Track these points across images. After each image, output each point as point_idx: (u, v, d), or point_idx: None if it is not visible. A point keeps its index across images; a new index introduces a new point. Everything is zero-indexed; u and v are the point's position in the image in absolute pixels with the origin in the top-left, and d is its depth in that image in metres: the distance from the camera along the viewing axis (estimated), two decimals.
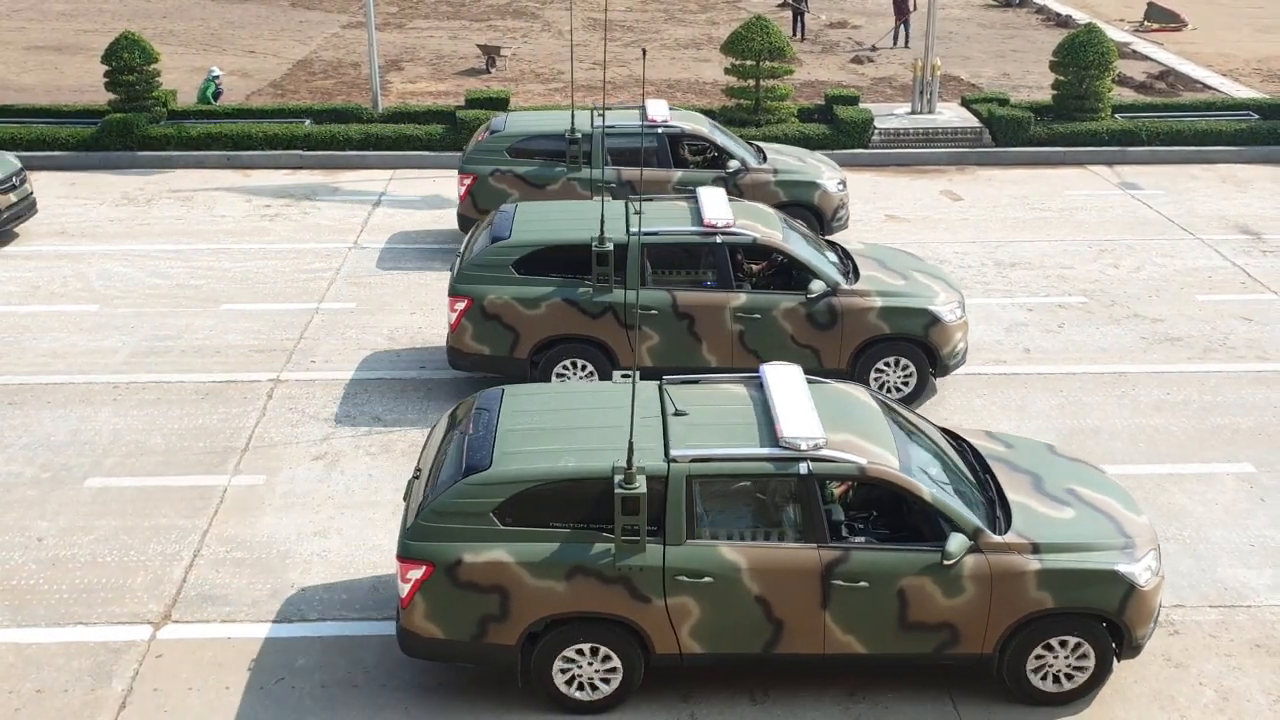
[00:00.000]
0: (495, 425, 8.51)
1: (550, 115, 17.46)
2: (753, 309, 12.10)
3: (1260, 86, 26.58)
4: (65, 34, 31.33)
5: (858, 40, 31.34)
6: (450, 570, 7.98)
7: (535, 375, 12.22)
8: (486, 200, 16.17)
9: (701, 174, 16.29)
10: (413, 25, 33.14)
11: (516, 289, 12.08)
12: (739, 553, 8.04)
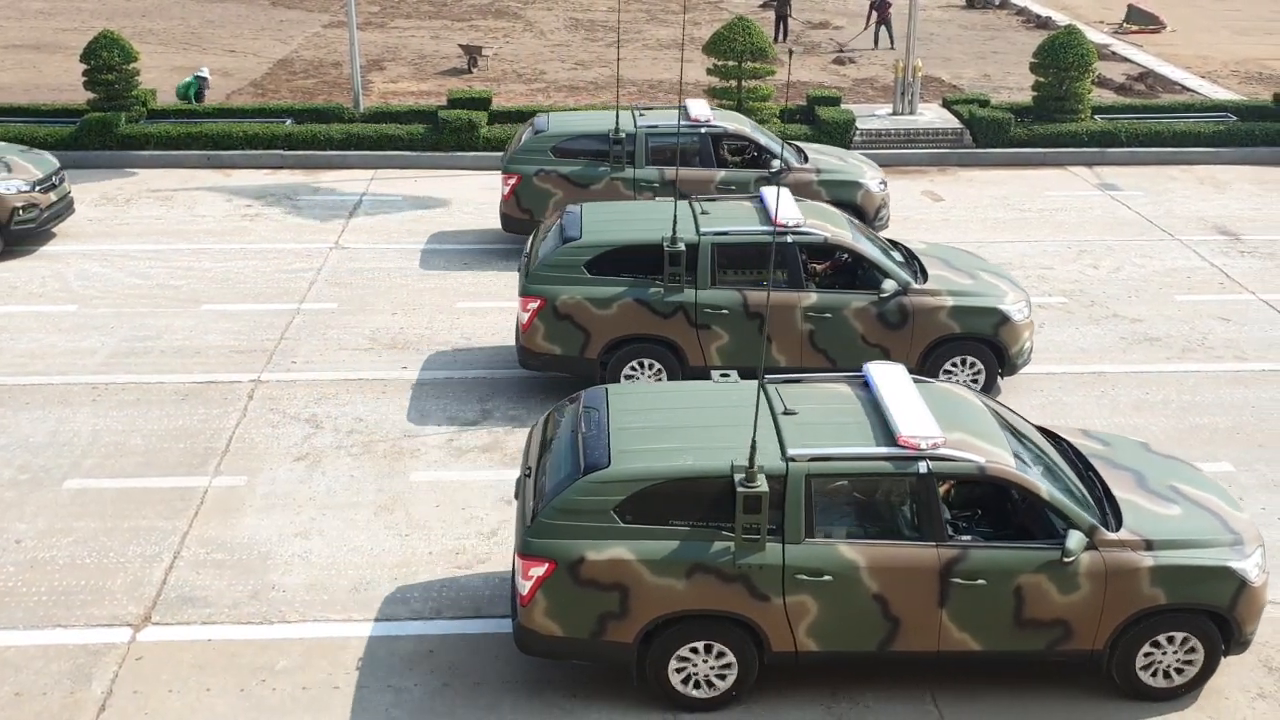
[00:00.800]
0: (607, 424, 8.54)
1: (593, 115, 17.55)
2: (823, 308, 12.14)
3: (1238, 88, 26.77)
4: (44, 32, 31.12)
5: (839, 41, 31.43)
6: (572, 568, 8.02)
7: (604, 375, 12.27)
8: (530, 200, 16.24)
9: (743, 174, 16.36)
10: (394, 25, 33.06)
11: (588, 289, 12.14)
12: (858, 551, 8.08)
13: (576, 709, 8.48)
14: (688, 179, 16.01)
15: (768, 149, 16.60)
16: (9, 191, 16.35)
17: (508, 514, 10.71)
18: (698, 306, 12.08)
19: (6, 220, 16.31)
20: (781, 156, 16.44)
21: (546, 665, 8.82)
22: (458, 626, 9.29)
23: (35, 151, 17.77)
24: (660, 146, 16.37)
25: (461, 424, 12.27)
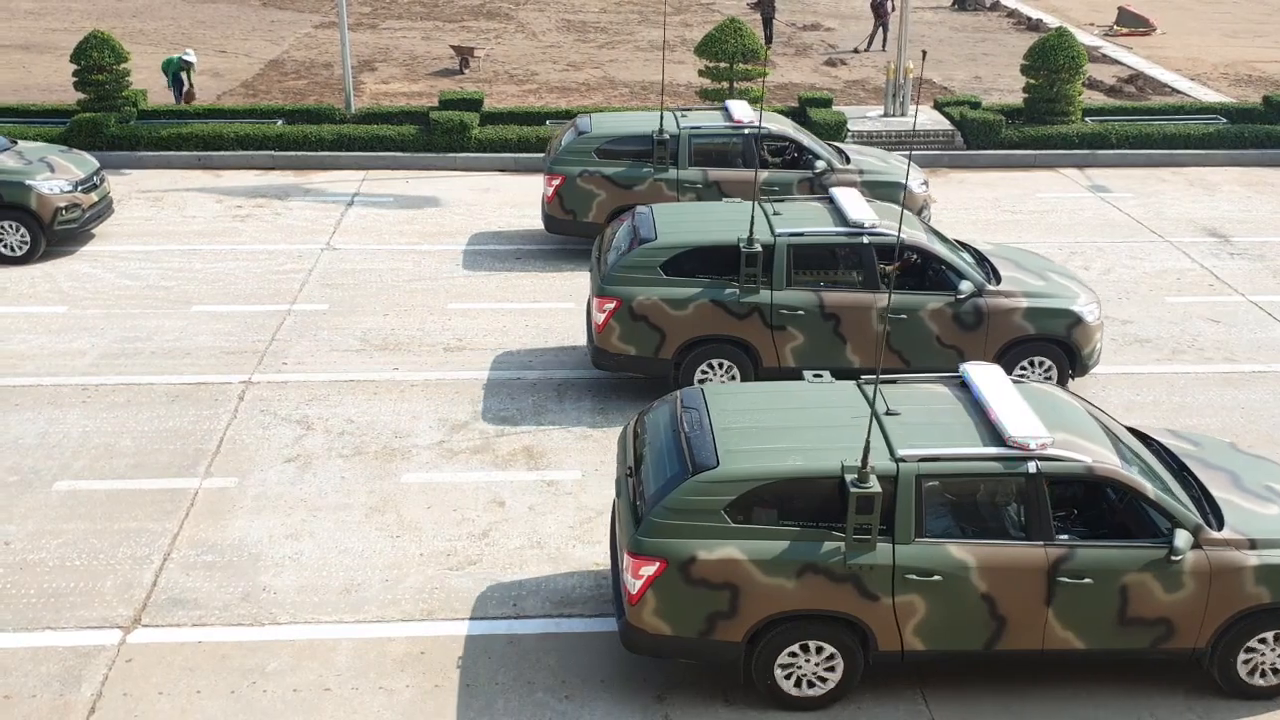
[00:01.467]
0: (710, 424, 8.56)
1: (637, 116, 17.59)
2: (899, 309, 12.15)
3: (1228, 90, 26.86)
4: (33, 32, 31.03)
5: (831, 43, 31.47)
6: (683, 567, 8.04)
7: (678, 376, 12.31)
8: (573, 201, 16.28)
9: (786, 175, 16.39)
10: (386, 26, 33.03)
11: (665, 290, 12.16)
12: (967, 551, 8.11)
13: (570, 710, 8.47)
14: (731, 180, 16.15)
15: (811, 150, 16.62)
16: (52, 192, 16.30)
17: (499, 515, 10.70)
18: (773, 307, 12.13)
19: (49, 220, 16.26)
20: (826, 158, 16.49)
21: (538, 667, 8.83)
22: (449, 628, 9.27)
23: (75, 151, 17.70)
24: (704, 148, 16.44)
25: (453, 425, 12.26)
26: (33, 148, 17.36)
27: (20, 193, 16.13)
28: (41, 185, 16.25)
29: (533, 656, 8.96)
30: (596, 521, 10.63)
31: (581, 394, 12.92)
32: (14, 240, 16.25)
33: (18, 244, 16.25)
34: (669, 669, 8.82)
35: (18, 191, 16.13)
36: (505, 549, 10.25)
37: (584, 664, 8.90)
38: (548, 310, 15.02)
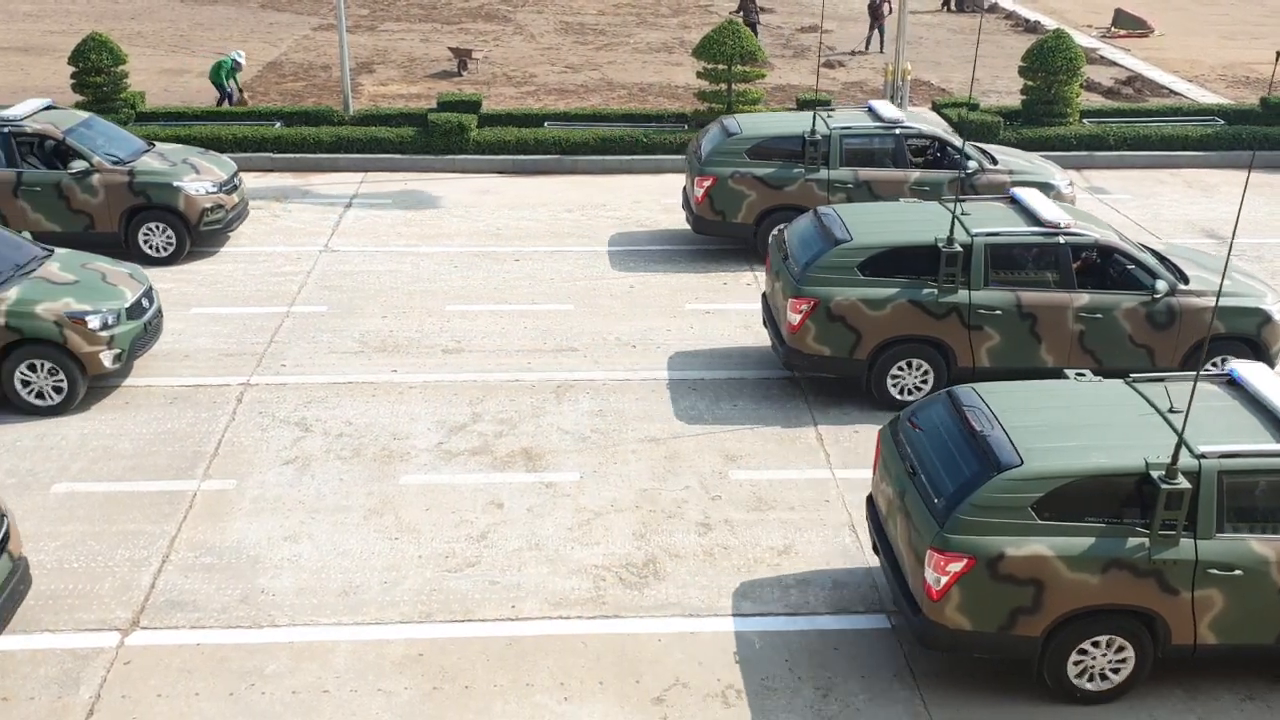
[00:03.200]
0: (1000, 422, 8.63)
1: (786, 116, 17.69)
2: (1095, 309, 12.18)
3: (1225, 92, 26.89)
4: (32, 35, 31.02)
5: (829, 45, 31.49)
6: (991, 563, 8.11)
7: (871, 377, 12.38)
8: (724, 202, 16.36)
9: (936, 175, 16.45)
10: (384, 28, 33.03)
11: (862, 290, 12.21)
12: (1268, 546, 8.21)
13: (569, 712, 8.47)
14: (882, 180, 16.27)
15: (960, 150, 16.67)
16: (198, 193, 16.35)
17: (497, 517, 10.70)
18: (971, 307, 12.18)
19: (196, 221, 16.33)
20: (976, 158, 16.55)
21: (536, 669, 8.82)
22: (448, 630, 9.27)
23: (212, 153, 17.73)
24: (854, 148, 16.52)
25: (451, 427, 12.26)
26: (172, 149, 17.38)
27: (168, 194, 16.18)
28: (188, 186, 16.30)
29: (531, 658, 8.96)
30: (595, 523, 10.64)
31: (580, 396, 12.93)
32: (159, 241, 16.32)
33: (163, 245, 16.33)
34: (665, 671, 8.83)
35: (165, 193, 16.18)
36: (504, 550, 10.25)
37: (582, 666, 8.91)
38: (546, 312, 15.03)
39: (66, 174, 16.09)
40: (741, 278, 16.31)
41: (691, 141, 17.75)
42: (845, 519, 10.76)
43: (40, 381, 12.19)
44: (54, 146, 16.44)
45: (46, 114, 16.72)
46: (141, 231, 16.31)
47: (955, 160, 16.68)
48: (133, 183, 16.16)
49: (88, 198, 16.14)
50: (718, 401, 12.84)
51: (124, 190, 16.17)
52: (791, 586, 9.84)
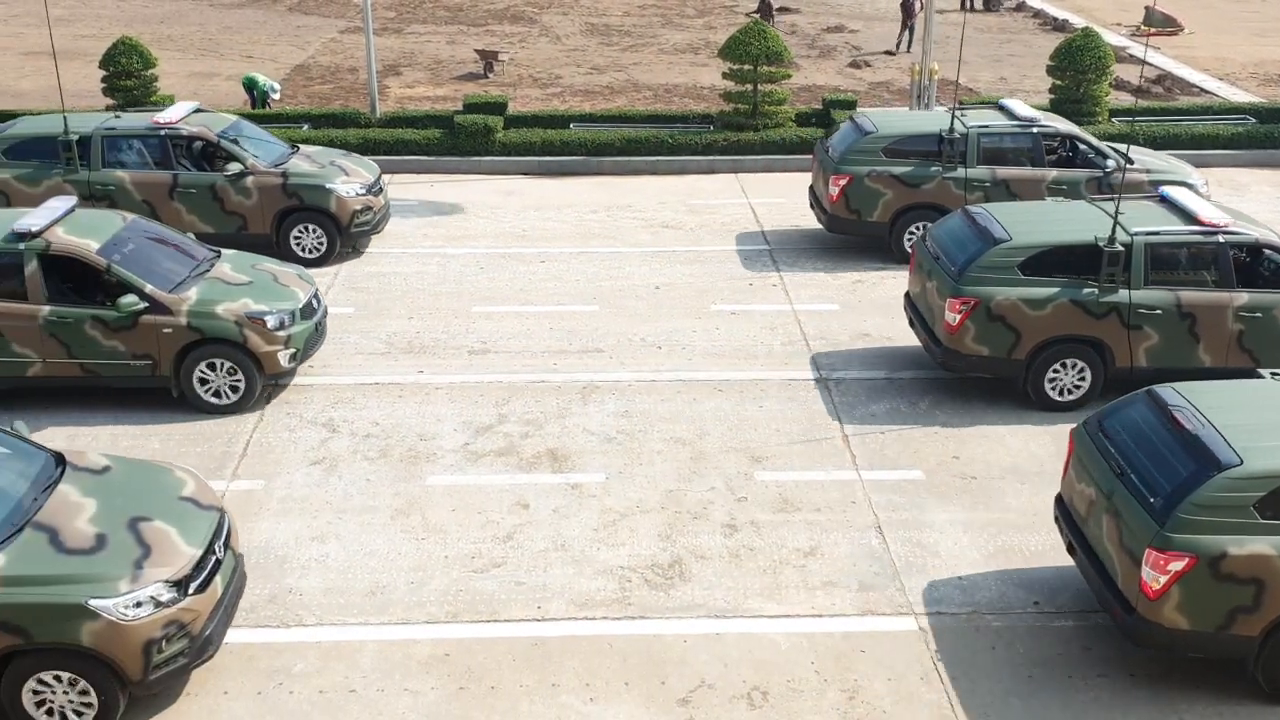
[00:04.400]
0: (1211, 421, 8.65)
1: (920, 115, 17.80)
2: (1254, 308, 12.16)
3: (1257, 90, 26.63)
4: (63, 39, 31.34)
5: (855, 45, 31.38)
6: (1213, 563, 8.11)
7: (1028, 377, 12.40)
8: (859, 201, 16.43)
9: (1074, 174, 16.45)
10: (410, 30, 33.18)
11: (1023, 290, 12.23)
12: None
13: (594, 713, 8.48)
14: (1019, 179, 16.30)
15: (1098, 149, 16.66)
16: (350, 195, 16.52)
17: (523, 518, 10.72)
18: (1131, 307, 12.17)
19: (347, 223, 16.50)
20: (1114, 157, 16.52)
21: (562, 670, 8.83)
22: (474, 630, 9.29)
23: (355, 155, 17.90)
24: (991, 146, 16.54)
25: (477, 428, 12.29)
26: (318, 151, 17.55)
27: (320, 196, 16.35)
28: (340, 188, 16.47)
29: (557, 659, 8.97)
30: (620, 524, 10.64)
31: (605, 397, 12.94)
32: (311, 242, 16.49)
33: (314, 246, 16.49)
34: (691, 672, 8.82)
35: (318, 195, 16.35)
36: (529, 551, 10.26)
37: (608, 666, 8.91)
38: (572, 313, 15.05)
39: (222, 176, 16.24)
40: (768, 279, 16.28)
41: (820, 140, 17.80)
42: (872, 520, 10.72)
43: (218, 380, 12.37)
44: (201, 148, 16.62)
45: (198, 116, 16.91)
46: (293, 233, 16.45)
47: (1088, 159, 16.63)
48: (286, 185, 16.31)
49: (242, 199, 16.29)
50: (743, 403, 12.82)
51: (278, 192, 16.31)
52: (817, 588, 9.81)
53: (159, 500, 8.75)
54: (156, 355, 12.22)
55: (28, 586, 7.82)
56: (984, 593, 9.76)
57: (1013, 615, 9.49)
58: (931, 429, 12.26)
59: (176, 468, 9.42)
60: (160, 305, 12.12)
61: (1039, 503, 10.98)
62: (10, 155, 16.47)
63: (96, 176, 16.27)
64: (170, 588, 8.09)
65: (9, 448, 8.98)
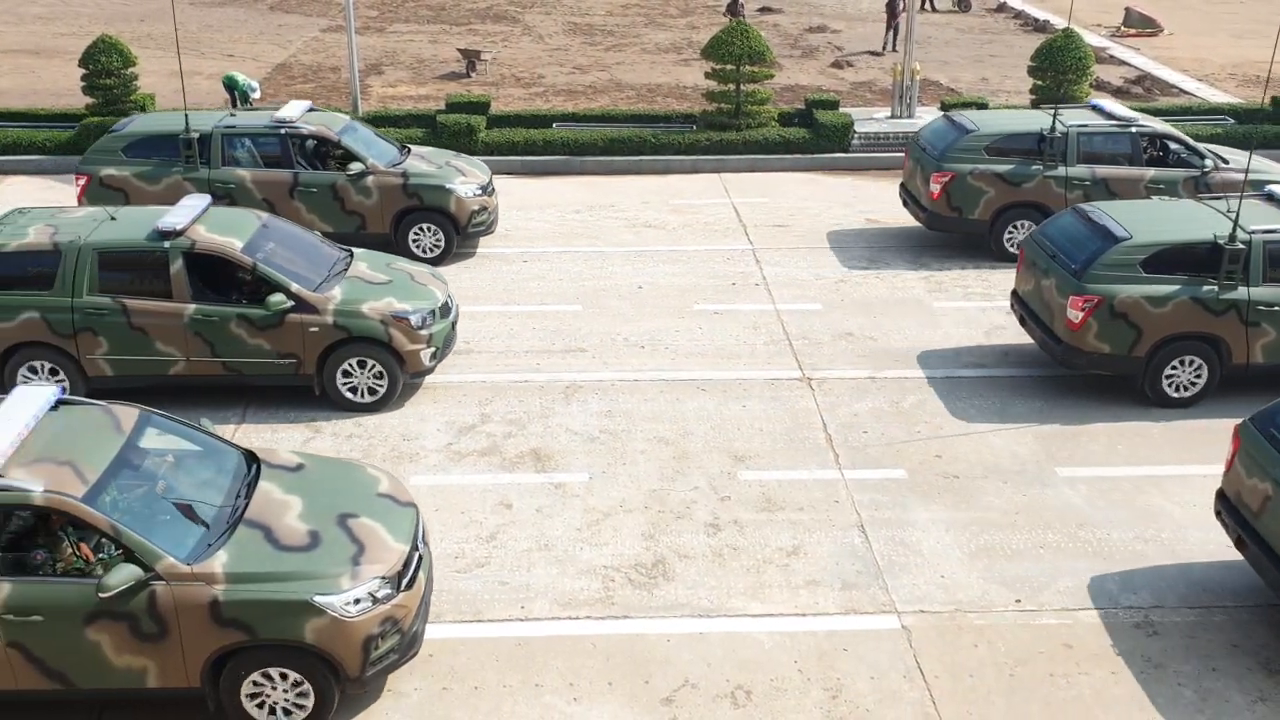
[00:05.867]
0: None
1: (1018, 114, 17.89)
2: None
3: (1236, 91, 26.81)
4: (42, 37, 31.14)
5: (837, 45, 31.46)
6: None
7: (1147, 374, 12.47)
8: (960, 198, 16.54)
9: (1172, 173, 16.56)
10: (393, 29, 33.09)
11: (1145, 288, 12.31)
12: None
13: (578, 713, 8.48)
14: (1119, 178, 16.44)
15: (1195, 149, 16.73)
16: (468, 195, 16.48)
17: (507, 518, 10.71)
18: (1250, 304, 12.28)
19: (465, 223, 16.49)
20: (1211, 157, 16.61)
21: (546, 670, 8.83)
22: (457, 630, 9.28)
23: (465, 156, 17.84)
24: (1090, 145, 16.64)
25: (460, 428, 12.27)
26: (431, 152, 17.50)
27: (441, 196, 16.32)
28: (459, 189, 16.45)
29: (541, 659, 8.97)
30: (604, 524, 10.64)
31: (588, 397, 12.93)
32: (428, 242, 16.47)
33: (431, 246, 16.47)
34: (674, 671, 8.83)
35: (438, 195, 16.32)
36: (513, 551, 10.25)
37: (592, 666, 8.91)
38: (555, 313, 15.03)
39: (343, 175, 16.21)
40: (751, 278, 16.30)
41: (912, 139, 17.92)
42: (854, 520, 10.75)
43: (361, 379, 12.38)
44: (315, 147, 16.58)
45: (314, 115, 16.89)
46: (411, 233, 16.42)
47: (1181, 158, 16.76)
48: (407, 185, 16.30)
49: (362, 199, 16.26)
50: (726, 402, 12.83)
51: (398, 192, 16.29)
52: (800, 587, 9.84)
53: (360, 497, 8.80)
54: (301, 354, 12.23)
55: (252, 583, 7.84)
56: (966, 591, 9.80)
57: (994, 614, 9.53)
58: (914, 429, 12.31)
59: (367, 465, 9.46)
60: (306, 304, 12.12)
61: (1021, 502, 11.03)
62: (129, 153, 16.45)
63: (217, 174, 16.25)
64: (386, 584, 8.12)
65: (202, 445, 9.03)
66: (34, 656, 7.84)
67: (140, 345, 12.12)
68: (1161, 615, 9.53)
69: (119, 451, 8.38)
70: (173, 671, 7.92)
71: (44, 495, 7.77)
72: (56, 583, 7.81)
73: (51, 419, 8.51)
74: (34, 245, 12.07)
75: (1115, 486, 11.25)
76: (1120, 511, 10.89)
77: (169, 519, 8.18)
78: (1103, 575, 10.01)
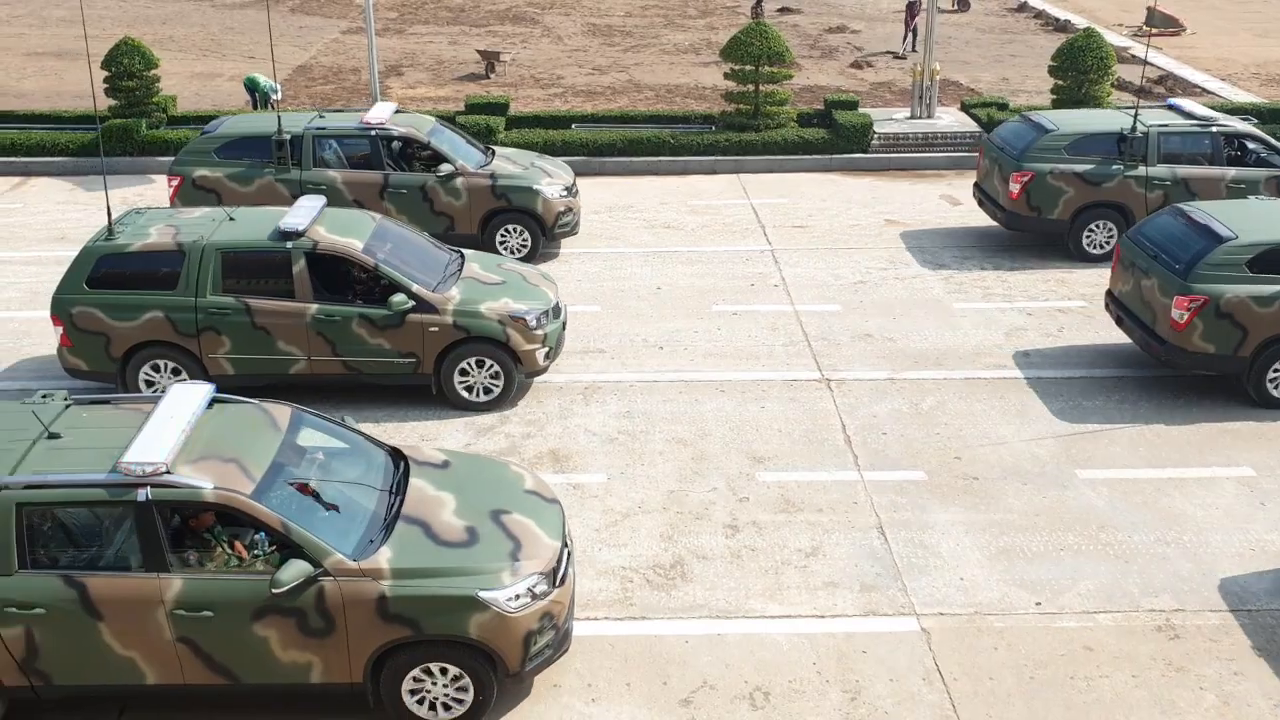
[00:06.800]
0: None
1: (1102, 114, 17.90)
2: None
3: (1259, 91, 26.62)
4: (65, 40, 31.37)
5: (857, 46, 31.38)
6: None
7: (1250, 375, 12.48)
8: (1040, 198, 16.59)
9: (1253, 173, 16.57)
10: (412, 31, 33.19)
11: (1251, 287, 12.33)
12: None
13: (596, 714, 8.48)
14: (1200, 178, 16.47)
15: (1275, 148, 16.74)
16: (554, 196, 16.60)
17: None
18: None
19: (551, 224, 16.61)
20: None
21: (564, 670, 8.84)
22: None
23: (547, 157, 17.95)
24: (1171, 145, 16.65)
25: (479, 429, 12.30)
26: (515, 153, 17.61)
27: (529, 197, 16.44)
28: (546, 190, 16.56)
29: (559, 660, 8.96)
30: (622, 525, 10.65)
31: (606, 397, 12.94)
32: (515, 243, 16.59)
33: (518, 246, 16.58)
34: (692, 673, 8.83)
35: (526, 196, 16.44)
36: None
37: (610, 667, 8.92)
38: (573, 313, 15.04)
39: (433, 177, 16.34)
40: (769, 279, 16.28)
41: (986, 139, 17.94)
42: (873, 521, 10.72)
43: (478, 378, 12.48)
44: (401, 148, 16.69)
45: (401, 117, 17.03)
46: (499, 234, 16.51)
47: (1262, 158, 16.75)
48: (495, 186, 16.41)
49: (451, 200, 16.38)
50: (745, 403, 12.82)
51: (487, 193, 16.41)
52: (819, 589, 9.82)
53: (509, 494, 8.91)
54: (421, 353, 12.34)
55: (417, 579, 7.92)
56: (986, 593, 9.76)
57: (1014, 616, 9.49)
58: (934, 430, 12.26)
59: (510, 462, 9.56)
60: (427, 304, 12.24)
61: (1041, 504, 10.98)
62: (222, 154, 16.62)
63: (308, 175, 16.40)
64: (544, 580, 8.20)
65: (349, 442, 9.12)
66: (202, 652, 7.93)
67: (263, 344, 12.25)
68: (1183, 618, 9.47)
69: (278, 449, 8.46)
70: (337, 667, 8.00)
71: (214, 492, 7.84)
72: (228, 579, 7.88)
73: (209, 417, 8.59)
74: (157, 245, 12.19)
75: (1136, 489, 11.19)
76: (1141, 514, 10.83)
77: (329, 515, 8.25)
78: (1124, 578, 9.96)
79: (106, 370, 12.37)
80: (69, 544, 7.96)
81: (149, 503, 7.79)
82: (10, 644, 7.86)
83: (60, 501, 7.86)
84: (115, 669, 7.96)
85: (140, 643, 7.89)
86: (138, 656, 7.93)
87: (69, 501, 7.87)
